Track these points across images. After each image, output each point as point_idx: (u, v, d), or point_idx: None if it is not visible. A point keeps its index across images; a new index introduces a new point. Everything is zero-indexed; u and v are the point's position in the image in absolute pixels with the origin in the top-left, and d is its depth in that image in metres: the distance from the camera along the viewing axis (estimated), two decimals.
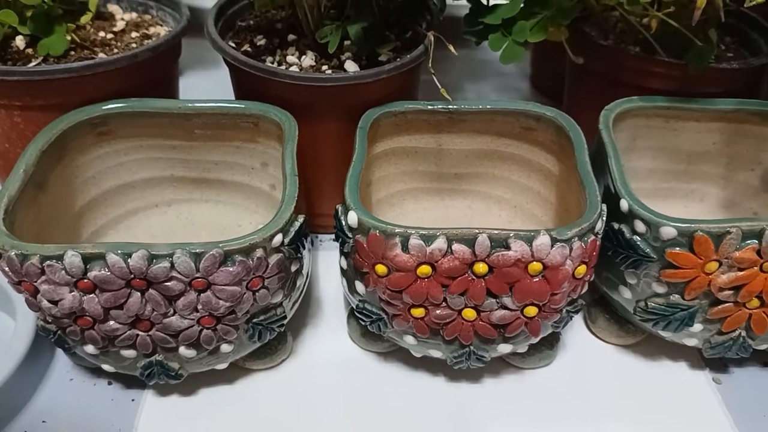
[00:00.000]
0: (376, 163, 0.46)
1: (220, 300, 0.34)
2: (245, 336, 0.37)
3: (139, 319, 0.34)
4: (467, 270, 0.34)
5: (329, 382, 0.41)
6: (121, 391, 0.40)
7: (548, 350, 0.42)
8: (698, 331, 0.39)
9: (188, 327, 0.35)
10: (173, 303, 0.34)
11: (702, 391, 0.42)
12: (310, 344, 0.43)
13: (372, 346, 0.43)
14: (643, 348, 0.44)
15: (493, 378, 0.42)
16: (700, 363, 0.43)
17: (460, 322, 0.36)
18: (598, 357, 0.43)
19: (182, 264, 0.32)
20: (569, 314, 0.38)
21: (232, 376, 0.41)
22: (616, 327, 0.43)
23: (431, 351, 0.39)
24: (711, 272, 0.36)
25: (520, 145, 0.45)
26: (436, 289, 0.35)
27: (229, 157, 0.45)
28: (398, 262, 0.34)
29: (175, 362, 0.37)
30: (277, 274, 0.35)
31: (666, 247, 0.36)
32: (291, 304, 0.39)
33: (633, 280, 0.39)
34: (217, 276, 0.33)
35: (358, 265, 0.36)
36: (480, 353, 0.38)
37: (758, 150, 0.46)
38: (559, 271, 0.34)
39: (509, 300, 0.35)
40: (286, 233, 0.35)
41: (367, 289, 0.37)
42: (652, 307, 0.38)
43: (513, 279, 0.34)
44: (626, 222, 0.37)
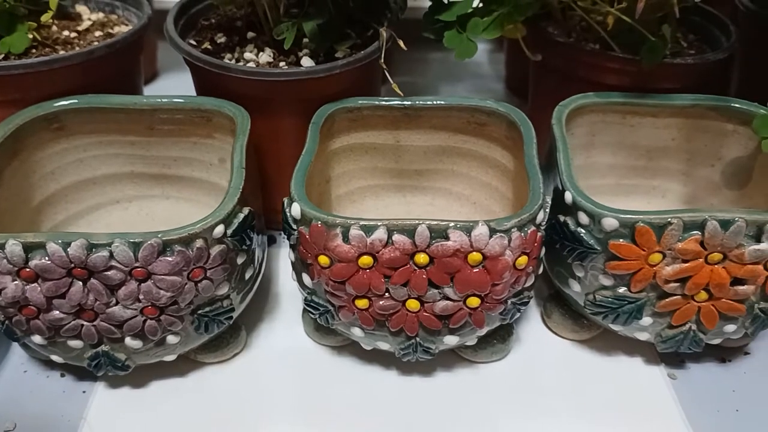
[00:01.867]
0: (335, 159, 0.46)
1: (161, 290, 0.34)
2: (191, 328, 0.37)
3: (82, 308, 0.35)
4: (408, 261, 0.35)
5: (282, 375, 0.41)
6: (73, 383, 0.40)
7: (500, 344, 0.42)
8: (648, 325, 0.39)
9: (131, 317, 0.35)
10: (115, 293, 0.34)
11: (656, 386, 0.41)
12: (265, 339, 0.43)
13: (326, 340, 0.43)
14: (599, 343, 0.44)
15: (446, 371, 0.42)
16: (655, 358, 0.43)
17: (404, 313, 0.36)
18: (553, 352, 0.43)
19: (121, 253, 0.33)
20: (516, 306, 0.38)
21: (185, 369, 0.41)
22: (571, 322, 0.43)
23: (379, 343, 0.39)
24: (655, 264, 0.36)
25: (476, 141, 0.46)
26: (378, 279, 0.35)
27: (188, 153, 0.45)
28: (339, 253, 0.34)
29: (121, 353, 0.37)
30: (221, 265, 0.36)
31: (609, 239, 0.36)
32: (240, 297, 0.39)
33: (581, 273, 0.39)
34: (156, 266, 0.33)
35: (302, 257, 0.37)
36: (426, 345, 0.38)
37: (718, 145, 0.46)
38: (498, 261, 0.34)
39: (451, 290, 0.35)
40: (228, 224, 0.35)
41: (313, 281, 0.37)
42: (600, 300, 0.38)
43: (453, 269, 0.35)
44: (571, 214, 0.37)
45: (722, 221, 0.35)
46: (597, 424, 0.39)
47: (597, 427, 0.39)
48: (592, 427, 0.39)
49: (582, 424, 0.39)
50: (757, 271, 0.36)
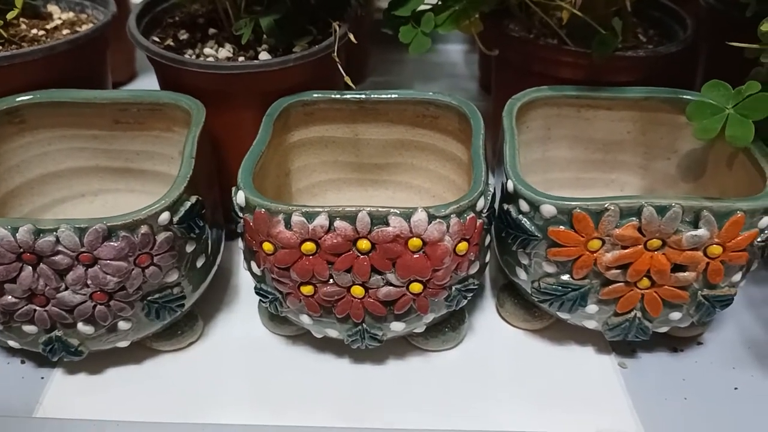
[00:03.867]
0: (294, 153, 0.47)
1: (108, 275, 0.35)
2: (142, 314, 0.38)
3: (34, 293, 0.36)
4: (351, 247, 0.35)
5: (237, 364, 0.42)
6: (32, 370, 0.41)
7: (452, 332, 0.42)
8: (594, 313, 0.39)
9: (81, 302, 0.36)
10: (64, 278, 0.35)
11: (606, 375, 0.42)
12: (222, 328, 0.44)
13: (280, 330, 0.44)
14: (552, 333, 0.44)
15: (398, 359, 0.42)
16: (607, 348, 0.43)
17: (349, 299, 0.37)
18: (505, 341, 0.44)
19: (67, 238, 0.34)
20: (461, 293, 0.39)
21: (141, 357, 0.42)
22: (523, 311, 0.44)
23: (327, 330, 0.40)
24: (595, 250, 0.37)
25: (432, 135, 0.46)
26: (321, 266, 0.36)
27: (149, 146, 0.46)
28: (282, 239, 0.35)
29: (74, 338, 0.38)
30: (168, 252, 0.36)
31: (549, 225, 0.37)
32: (192, 286, 0.40)
33: (525, 260, 0.39)
34: (101, 251, 0.34)
35: (248, 244, 0.38)
36: (373, 332, 0.39)
37: (673, 138, 0.47)
38: (437, 246, 0.35)
39: (393, 276, 0.36)
40: (174, 212, 0.36)
41: (260, 269, 0.38)
42: (544, 287, 0.39)
43: (395, 255, 0.35)
44: (513, 202, 0.38)
45: (658, 207, 0.35)
46: (546, 413, 0.39)
47: (545, 415, 0.39)
48: (541, 415, 0.39)
49: (531, 412, 0.39)
50: (697, 257, 0.36)
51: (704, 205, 0.35)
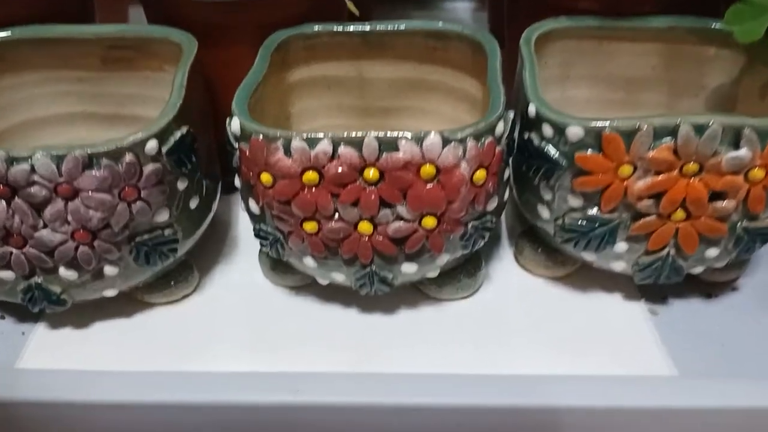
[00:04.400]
0: (294, 94, 0.44)
1: (90, 209, 0.32)
2: (130, 258, 0.35)
3: (9, 233, 0.32)
4: (357, 177, 0.32)
5: (236, 316, 0.39)
6: (13, 325, 0.38)
7: (467, 279, 0.39)
8: (623, 252, 0.36)
9: (62, 242, 0.33)
10: (41, 213, 0.32)
11: (636, 322, 0.38)
12: (220, 280, 0.41)
13: (283, 281, 0.40)
14: (575, 280, 0.41)
15: (409, 309, 0.39)
16: (636, 294, 0.40)
17: (356, 237, 0.34)
18: (525, 290, 0.40)
19: (43, 166, 0.30)
20: (478, 231, 0.35)
21: (131, 310, 0.39)
22: (544, 257, 0.40)
23: (334, 274, 0.36)
24: (625, 177, 0.33)
25: (443, 71, 0.43)
26: (325, 198, 0.33)
27: (140, 89, 0.43)
28: (281, 168, 0.32)
29: (56, 285, 0.35)
30: (156, 186, 0.33)
31: (575, 150, 0.33)
32: (186, 230, 0.37)
33: (548, 195, 0.36)
34: (82, 181, 0.31)
35: (245, 178, 0.34)
36: (383, 274, 0.35)
37: (699, 74, 0.43)
38: (453, 174, 0.32)
39: (404, 209, 0.33)
40: (163, 141, 0.33)
41: (259, 206, 0.35)
42: (569, 223, 0.36)
43: (405, 185, 0.32)
44: (535, 128, 0.35)
45: (696, 126, 0.32)
46: (572, 363, 0.36)
47: (573, 365, 0.36)
48: (568, 366, 0.36)
49: (554, 360, 0.36)
50: (737, 182, 0.33)
51: (746, 123, 0.32)
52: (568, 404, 0.32)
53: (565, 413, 0.33)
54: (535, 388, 0.33)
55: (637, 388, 0.33)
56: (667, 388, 0.34)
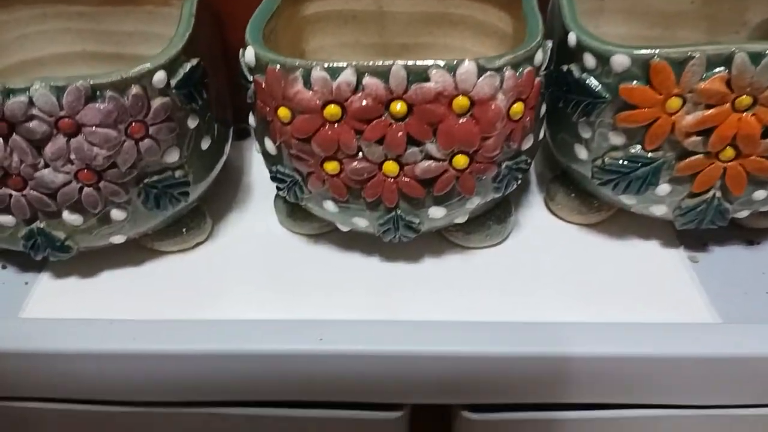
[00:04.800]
0: (309, 30, 0.41)
1: (94, 146, 0.29)
2: (139, 201, 0.32)
3: (7, 173, 0.30)
4: (383, 111, 0.30)
5: (251, 264, 0.37)
6: (15, 275, 0.36)
7: (496, 225, 0.37)
8: (666, 194, 0.34)
9: (65, 183, 0.30)
10: (42, 151, 0.29)
11: (676, 270, 0.36)
12: (234, 228, 0.39)
13: (300, 228, 0.38)
14: (609, 226, 0.38)
15: (434, 257, 0.37)
16: (674, 241, 0.38)
17: (381, 178, 0.31)
18: (558, 237, 0.38)
19: (42, 99, 0.28)
20: (512, 172, 0.33)
21: (141, 258, 0.36)
22: (578, 203, 0.38)
23: (356, 220, 0.34)
24: (673, 111, 0.31)
25: (470, 5, 0.40)
26: (348, 135, 0.30)
27: (144, 25, 0.40)
28: (301, 101, 0.29)
29: (60, 231, 0.32)
30: (165, 122, 0.31)
31: (620, 82, 0.31)
32: (197, 173, 0.34)
33: (587, 133, 0.33)
34: (84, 114, 0.28)
35: (261, 114, 0.32)
36: (409, 219, 0.33)
37: (741, 9, 0.40)
38: (488, 106, 0.29)
39: (434, 147, 0.30)
40: (172, 73, 0.31)
41: (275, 145, 0.33)
42: (609, 163, 0.33)
43: (436, 119, 0.29)
44: (575, 60, 0.32)
45: (752, 54, 0.29)
46: (609, 312, 0.34)
47: (609, 314, 0.33)
48: (604, 315, 0.33)
49: (591, 312, 0.34)
50: None
51: None
52: (605, 353, 0.30)
53: (603, 362, 0.31)
54: (567, 335, 0.31)
55: (679, 336, 0.31)
56: (711, 335, 0.32)
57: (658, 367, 0.31)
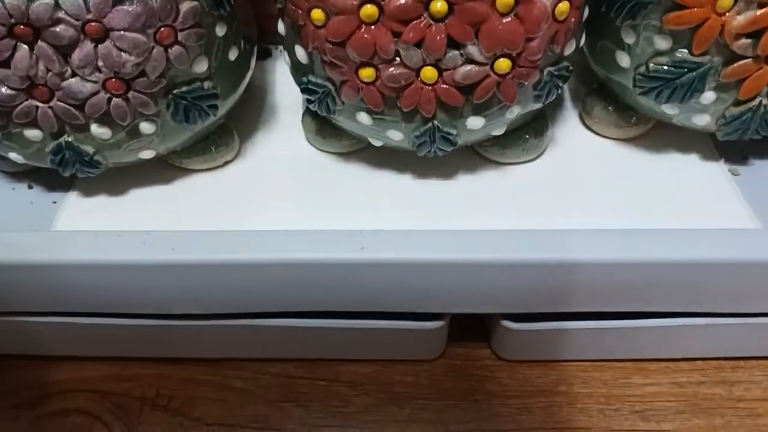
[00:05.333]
0: None
1: (122, 52, 0.28)
2: (168, 114, 0.31)
3: (33, 83, 0.29)
4: (422, 10, 0.28)
5: (281, 182, 0.36)
6: (42, 194, 0.35)
7: (533, 139, 0.36)
8: (710, 103, 0.33)
9: (93, 93, 0.29)
10: (68, 59, 0.28)
11: (717, 183, 0.35)
12: (262, 147, 0.38)
13: (329, 146, 0.37)
14: (647, 140, 0.37)
15: (468, 174, 0.36)
16: (714, 154, 0.37)
17: (418, 86, 0.30)
18: (594, 152, 0.37)
19: (68, 0, 0.27)
20: (553, 79, 0.32)
21: (170, 176, 0.36)
22: (615, 116, 0.37)
23: (390, 132, 0.33)
24: (724, 11, 0.29)
25: None
26: (385, 37, 0.29)
27: None
28: (336, 1, 0.28)
29: (88, 145, 0.31)
30: (193, 28, 0.29)
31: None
32: (225, 85, 0.33)
33: (631, 38, 0.32)
34: (113, 17, 0.27)
35: (292, 18, 0.30)
36: (446, 129, 0.32)
37: None
38: (534, 5, 0.28)
39: (475, 49, 0.29)
40: None
41: (307, 52, 0.31)
42: (653, 69, 0.32)
43: (478, 18, 0.28)
44: None
45: None
46: (651, 224, 0.33)
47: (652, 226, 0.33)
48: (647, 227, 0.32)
49: (633, 224, 0.33)
50: None
51: None
52: (646, 258, 0.30)
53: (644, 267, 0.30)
54: (608, 241, 0.30)
55: (721, 240, 0.31)
56: (753, 239, 0.31)
57: (699, 273, 0.30)
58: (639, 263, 0.29)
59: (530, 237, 0.30)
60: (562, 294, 0.30)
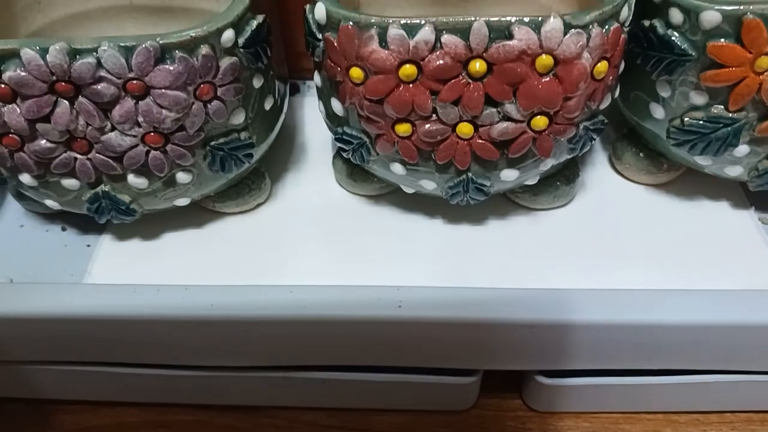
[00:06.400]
0: None
1: (163, 109, 0.28)
2: (204, 164, 0.32)
3: (73, 136, 0.29)
4: (461, 70, 0.28)
5: (312, 226, 0.36)
6: (76, 237, 0.35)
7: (565, 186, 0.36)
8: (743, 155, 0.33)
9: (132, 146, 0.29)
10: (109, 114, 0.28)
11: (746, 231, 0.35)
12: (292, 189, 0.38)
13: (361, 189, 0.37)
14: (677, 187, 0.37)
15: (499, 219, 0.36)
16: (744, 202, 0.37)
17: (454, 140, 0.30)
18: (625, 198, 0.37)
19: (110, 59, 0.27)
20: (588, 133, 0.32)
21: (202, 219, 0.36)
22: (646, 162, 0.37)
23: (423, 182, 0.33)
24: (763, 71, 0.29)
25: None
26: (422, 96, 0.29)
27: None
28: (376, 61, 0.28)
29: (125, 194, 0.32)
30: (233, 83, 0.30)
31: (708, 40, 0.29)
32: (260, 133, 0.33)
33: (666, 92, 0.32)
34: (154, 76, 0.27)
35: (330, 74, 0.31)
36: (480, 181, 0.32)
37: None
38: (573, 66, 0.28)
39: (513, 107, 0.29)
40: (240, 31, 0.29)
41: (344, 106, 0.31)
42: (689, 124, 0.32)
43: (517, 79, 0.28)
44: (659, 15, 0.31)
45: None
46: (677, 276, 0.33)
47: (678, 278, 0.33)
48: (672, 279, 0.33)
49: (660, 275, 0.33)
50: None
51: None
52: (673, 320, 0.30)
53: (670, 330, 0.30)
54: (638, 302, 0.30)
55: (754, 303, 0.31)
56: None
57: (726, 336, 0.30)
58: (671, 325, 0.29)
59: (564, 297, 0.30)
60: (596, 352, 0.30)
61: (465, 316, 0.29)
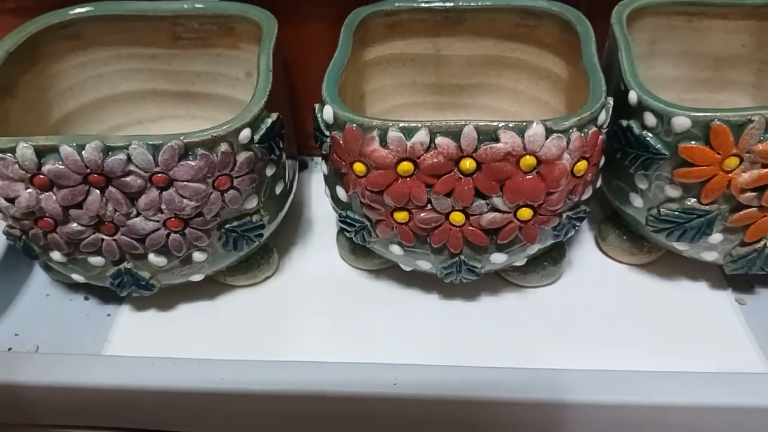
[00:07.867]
0: (369, 73, 0.43)
1: (184, 198, 0.31)
2: (219, 244, 0.35)
3: (101, 220, 0.32)
4: (453, 167, 0.31)
5: (316, 299, 0.39)
6: (98, 306, 0.38)
7: (552, 266, 0.38)
8: (718, 242, 0.35)
9: (154, 230, 0.32)
10: (135, 202, 0.32)
11: (723, 312, 0.38)
12: (298, 263, 0.41)
13: (362, 264, 0.40)
14: (659, 267, 0.40)
15: (491, 295, 0.39)
16: (722, 283, 0.39)
17: (447, 227, 0.33)
18: (608, 277, 0.40)
19: (139, 156, 0.30)
20: (571, 222, 0.35)
21: (214, 292, 0.39)
22: (629, 244, 0.40)
23: (420, 262, 0.36)
24: (731, 170, 0.32)
25: (525, 49, 0.42)
26: (419, 188, 0.32)
27: (212, 66, 0.42)
28: (377, 158, 0.31)
29: (145, 271, 0.35)
30: (248, 174, 0.33)
31: (679, 141, 0.32)
32: (270, 215, 0.36)
33: (644, 184, 0.35)
34: (178, 171, 0.31)
35: (336, 166, 0.34)
36: (472, 264, 0.35)
37: None
38: (554, 166, 0.31)
39: (500, 200, 0.32)
40: (255, 129, 0.32)
41: (348, 194, 0.34)
42: (665, 214, 0.35)
43: (503, 176, 0.31)
44: (635, 116, 0.34)
45: None
46: (659, 354, 0.35)
47: (659, 357, 0.35)
48: (654, 357, 0.35)
49: (642, 353, 0.35)
50: None
51: None
52: (655, 401, 0.32)
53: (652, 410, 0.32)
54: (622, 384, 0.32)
55: (726, 385, 0.33)
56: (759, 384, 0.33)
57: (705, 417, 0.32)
58: (651, 406, 0.31)
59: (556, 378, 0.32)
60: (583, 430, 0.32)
61: (457, 394, 0.31)
